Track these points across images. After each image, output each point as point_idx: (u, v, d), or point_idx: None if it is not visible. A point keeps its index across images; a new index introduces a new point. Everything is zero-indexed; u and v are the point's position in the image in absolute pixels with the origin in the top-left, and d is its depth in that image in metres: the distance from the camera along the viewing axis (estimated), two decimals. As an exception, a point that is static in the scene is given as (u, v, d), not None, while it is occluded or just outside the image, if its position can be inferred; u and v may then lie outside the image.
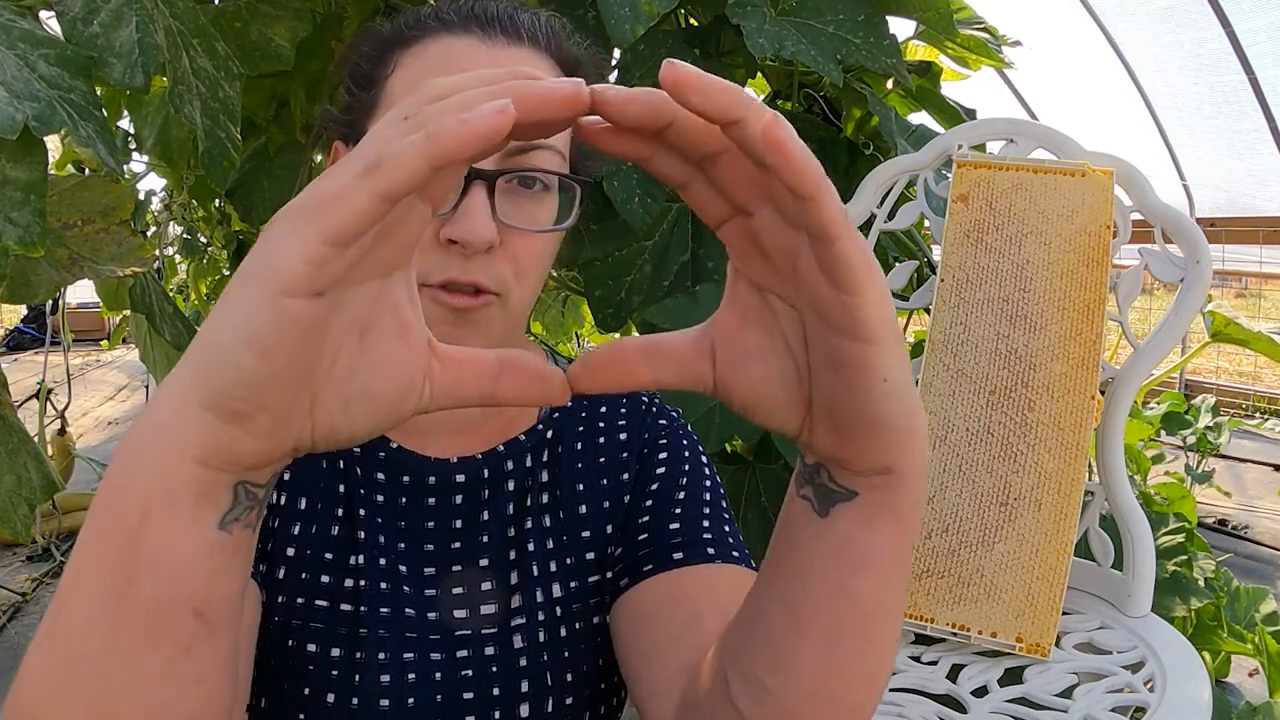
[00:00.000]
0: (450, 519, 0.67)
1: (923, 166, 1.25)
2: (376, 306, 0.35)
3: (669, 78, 0.31)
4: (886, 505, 0.38)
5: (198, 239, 4.65)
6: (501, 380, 0.37)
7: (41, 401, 3.39)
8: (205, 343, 0.33)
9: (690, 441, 0.73)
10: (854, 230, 0.32)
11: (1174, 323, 1.13)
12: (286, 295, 0.30)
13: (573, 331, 3.76)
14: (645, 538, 0.67)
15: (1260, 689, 2.33)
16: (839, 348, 0.34)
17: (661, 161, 0.35)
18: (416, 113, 0.31)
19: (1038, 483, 1.07)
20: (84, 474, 3.95)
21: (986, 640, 1.05)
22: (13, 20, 0.83)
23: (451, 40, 0.61)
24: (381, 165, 0.30)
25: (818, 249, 0.32)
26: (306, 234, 0.30)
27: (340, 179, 0.30)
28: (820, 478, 0.39)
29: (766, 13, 1.26)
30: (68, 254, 1.10)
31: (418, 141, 0.30)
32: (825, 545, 0.40)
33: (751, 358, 0.37)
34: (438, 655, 0.64)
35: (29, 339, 8.86)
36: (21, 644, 2.88)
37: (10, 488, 1.00)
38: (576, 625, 0.67)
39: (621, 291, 1.33)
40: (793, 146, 0.30)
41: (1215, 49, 4.50)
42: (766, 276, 0.37)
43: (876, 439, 0.36)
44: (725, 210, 0.36)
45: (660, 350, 0.38)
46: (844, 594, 0.40)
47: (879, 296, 0.33)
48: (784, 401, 0.38)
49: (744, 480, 1.34)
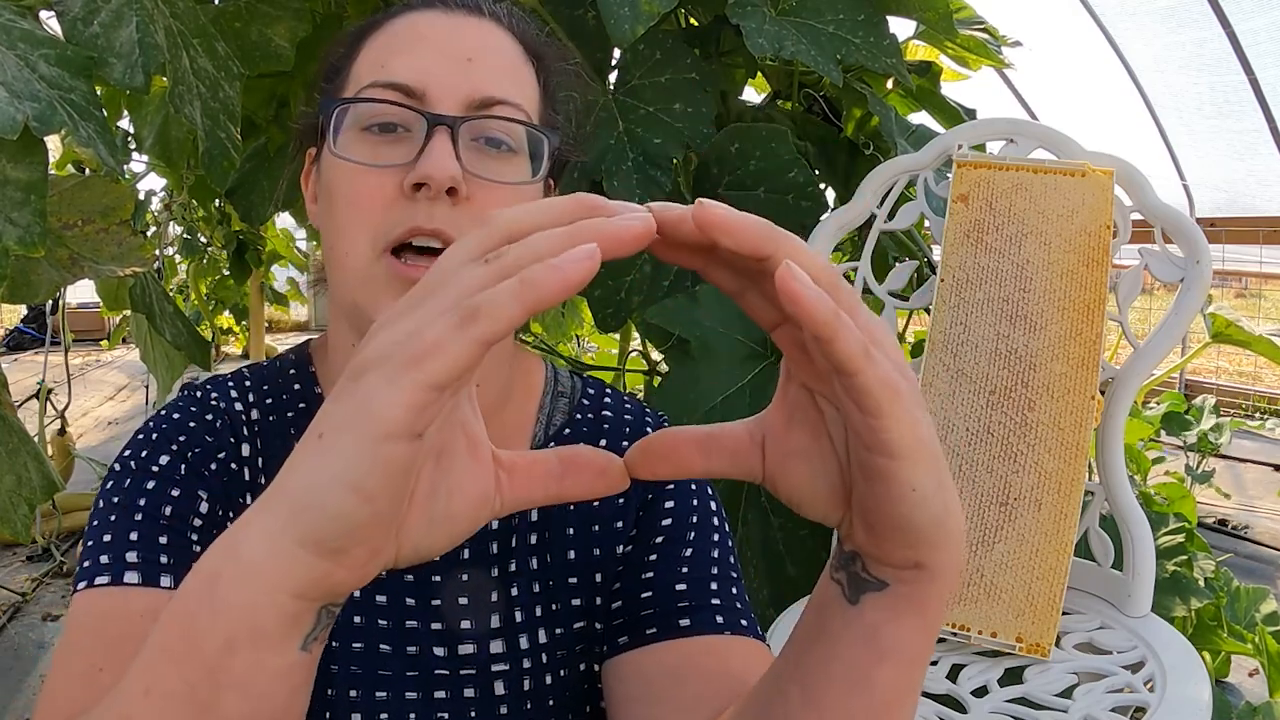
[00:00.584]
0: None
1: (923, 166, 1.25)
2: (449, 428, 0.37)
3: (699, 219, 0.33)
4: (914, 598, 0.40)
5: (198, 239, 4.65)
6: (566, 480, 0.39)
7: (41, 401, 3.39)
8: (301, 486, 0.34)
9: (700, 488, 0.70)
10: (874, 357, 0.34)
11: (1174, 323, 1.13)
12: (389, 441, 0.32)
13: (572, 332, 3.76)
14: (650, 596, 0.64)
15: (1260, 689, 2.33)
16: (869, 461, 0.36)
17: (716, 273, 0.37)
18: (498, 255, 0.33)
19: (1038, 483, 1.07)
20: (84, 474, 3.94)
21: (986, 640, 1.05)
22: (13, 20, 0.83)
23: (414, 15, 0.62)
24: (480, 316, 0.31)
25: (841, 380, 0.34)
26: (406, 383, 0.32)
27: (436, 328, 0.32)
28: (854, 566, 0.41)
29: (766, 13, 1.26)
30: (68, 254, 1.10)
31: (515, 291, 0.31)
32: (851, 632, 0.41)
33: (798, 456, 0.40)
34: (413, 694, 0.61)
35: (29, 339, 8.85)
36: (21, 644, 2.88)
37: (10, 488, 1.00)
38: (561, 673, 0.64)
39: (621, 291, 1.33)
40: (803, 294, 0.32)
41: (1215, 49, 4.50)
42: (815, 380, 0.39)
43: (905, 540, 0.38)
44: (775, 317, 0.38)
45: (716, 442, 0.40)
46: (865, 683, 0.41)
47: (904, 417, 0.34)
48: (825, 498, 0.39)
49: (744, 480, 1.34)
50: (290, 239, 5.74)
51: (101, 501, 0.61)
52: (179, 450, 0.62)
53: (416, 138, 0.57)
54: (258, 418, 0.66)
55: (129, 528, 0.58)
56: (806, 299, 0.32)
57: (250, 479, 0.64)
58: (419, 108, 0.58)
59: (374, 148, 0.58)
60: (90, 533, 0.59)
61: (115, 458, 0.64)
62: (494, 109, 0.59)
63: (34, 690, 2.61)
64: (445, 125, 0.56)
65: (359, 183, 0.58)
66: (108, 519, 0.59)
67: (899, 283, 1.29)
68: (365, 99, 0.58)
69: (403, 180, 0.56)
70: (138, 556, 0.57)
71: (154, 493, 0.60)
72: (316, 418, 0.35)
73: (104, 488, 0.62)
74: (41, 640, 2.91)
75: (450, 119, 0.57)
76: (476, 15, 0.63)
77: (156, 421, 0.64)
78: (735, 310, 1.24)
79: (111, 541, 0.58)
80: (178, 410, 0.65)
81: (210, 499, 0.61)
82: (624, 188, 1.24)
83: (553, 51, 0.68)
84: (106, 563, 0.57)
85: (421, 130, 0.57)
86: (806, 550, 1.28)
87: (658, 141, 1.26)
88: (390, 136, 0.58)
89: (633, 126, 1.26)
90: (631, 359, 1.61)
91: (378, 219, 0.57)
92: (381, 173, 0.57)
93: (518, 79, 0.62)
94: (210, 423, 0.64)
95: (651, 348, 1.52)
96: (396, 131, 0.58)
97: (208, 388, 0.67)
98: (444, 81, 0.58)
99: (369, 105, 0.58)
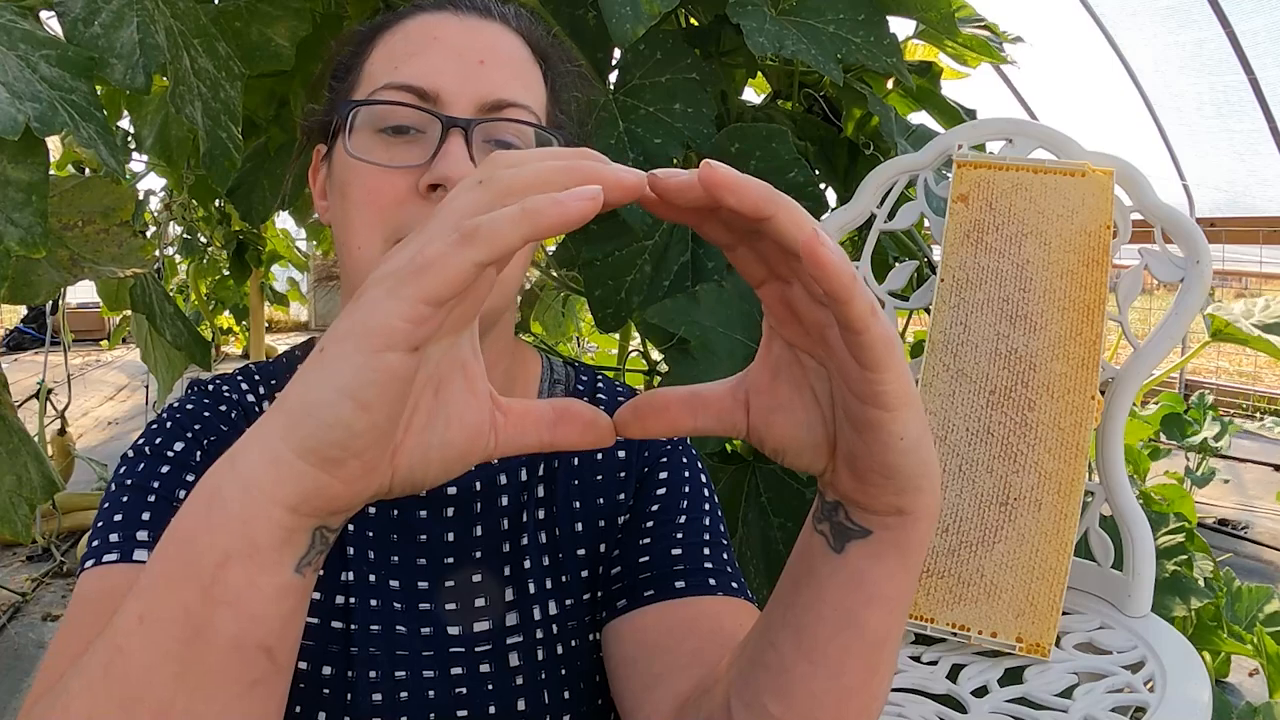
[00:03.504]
0: (442, 532, 0.66)
1: (923, 166, 1.25)
2: (449, 362, 0.38)
3: (706, 180, 0.35)
4: (897, 543, 0.42)
5: (198, 239, 4.65)
6: (558, 428, 0.41)
7: (41, 401, 3.40)
8: (300, 398, 0.36)
9: (690, 460, 0.73)
10: (880, 316, 0.35)
11: (1174, 323, 1.13)
12: (387, 351, 0.33)
13: (572, 332, 3.76)
14: (647, 560, 0.66)
15: (1260, 689, 2.33)
16: (862, 413, 0.38)
17: (710, 228, 0.39)
18: (491, 177, 0.34)
19: (1038, 483, 1.07)
20: (84, 474, 3.95)
21: (986, 640, 1.05)
22: (14, 21, 0.83)
23: (426, 16, 0.63)
24: (479, 236, 0.33)
25: (846, 337, 0.36)
26: (406, 295, 0.33)
27: (436, 245, 0.33)
28: (838, 516, 0.43)
29: (767, 12, 1.26)
30: (68, 254, 1.10)
31: (514, 216, 0.33)
32: (838, 578, 0.43)
33: (782, 409, 0.41)
34: (431, 672, 0.63)
35: (29, 339, 8.85)
36: (21, 644, 2.88)
37: (10, 488, 1.00)
38: (573, 643, 0.66)
39: (621, 291, 1.33)
40: (830, 259, 0.34)
41: (1215, 49, 4.50)
42: (799, 338, 0.41)
43: (892, 485, 0.40)
44: (764, 274, 0.40)
45: (701, 400, 0.42)
46: (853, 624, 0.43)
47: (899, 371, 0.36)
48: (811, 447, 0.41)
49: (744, 480, 1.34)
50: (290, 239, 5.74)
51: (114, 485, 0.61)
52: (194, 437, 0.63)
53: (430, 139, 0.59)
54: (269, 408, 0.66)
55: (141, 508, 0.59)
56: (832, 264, 0.34)
57: None
58: (433, 110, 0.59)
59: (388, 148, 0.59)
60: (100, 515, 0.60)
61: (129, 446, 0.64)
62: (505, 111, 0.61)
63: (34, 690, 2.61)
64: (460, 128, 0.58)
65: (373, 182, 0.59)
66: (119, 500, 0.60)
67: (899, 283, 1.29)
68: (380, 100, 0.60)
69: (417, 180, 0.58)
70: (149, 535, 0.58)
71: (168, 476, 0.61)
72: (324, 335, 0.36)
73: (116, 474, 0.62)
74: (41, 640, 2.91)
75: (464, 121, 0.58)
76: (487, 18, 0.64)
77: (170, 412, 0.65)
78: (735, 310, 1.24)
79: (122, 521, 0.59)
80: (191, 402, 0.66)
81: None
82: (624, 188, 1.24)
83: (559, 53, 0.69)
84: (116, 541, 0.58)
85: (435, 132, 0.58)
86: (807, 550, 1.28)
87: (658, 141, 1.26)
88: (404, 138, 0.60)
89: (633, 126, 1.26)
90: (631, 359, 1.61)
91: (391, 217, 0.59)
92: (396, 173, 0.59)
93: (527, 81, 0.64)
94: (224, 413, 0.66)
95: (651, 348, 1.52)
96: (410, 133, 0.60)
97: (218, 381, 0.69)
98: (457, 84, 0.60)
99: (384, 107, 0.60)
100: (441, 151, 0.57)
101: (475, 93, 0.60)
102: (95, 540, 0.58)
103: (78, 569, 0.59)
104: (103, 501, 0.61)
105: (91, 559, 0.57)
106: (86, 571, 0.57)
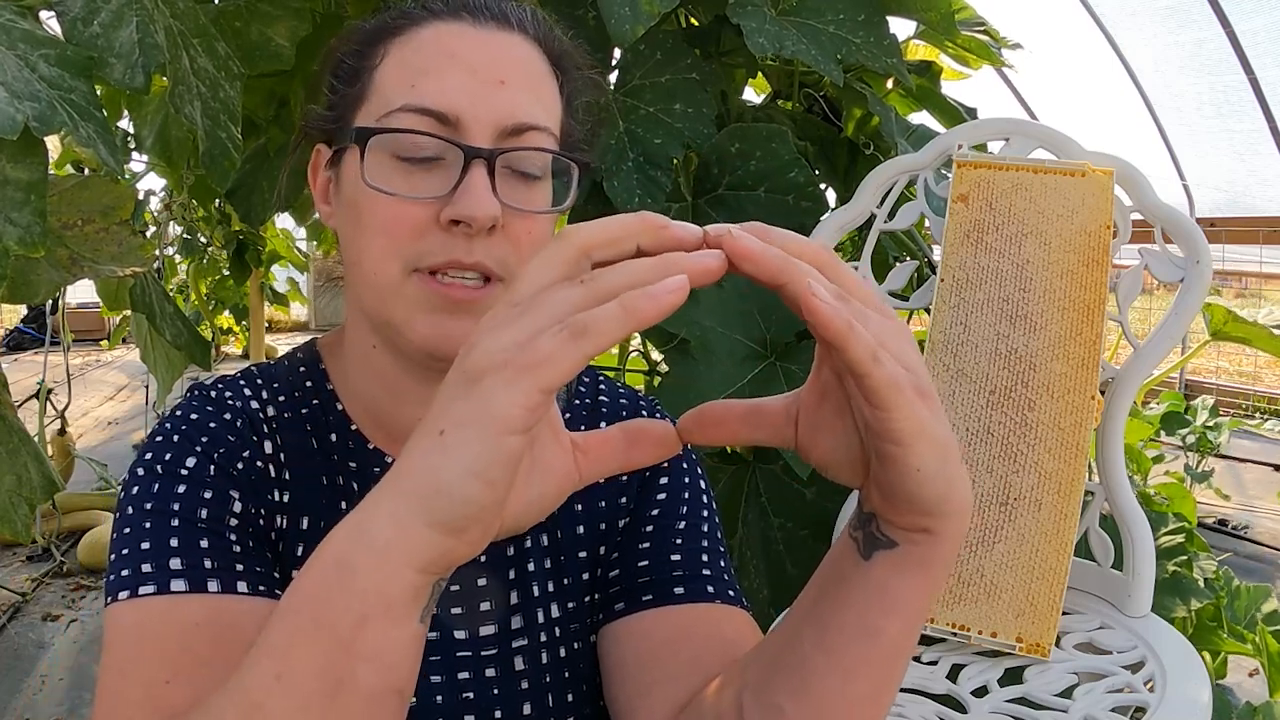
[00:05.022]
0: None
1: (923, 166, 1.25)
2: (541, 424, 0.42)
3: (730, 249, 0.39)
4: (921, 559, 0.45)
5: (198, 239, 4.65)
6: (632, 451, 0.46)
7: (41, 401, 3.39)
8: (429, 477, 0.39)
9: (692, 466, 0.73)
10: (881, 360, 0.39)
11: (1174, 323, 1.13)
12: (509, 435, 0.37)
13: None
14: (645, 565, 0.67)
15: (1260, 689, 2.33)
16: (878, 445, 0.41)
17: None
18: (592, 278, 0.38)
19: (1038, 483, 1.07)
20: (84, 474, 3.95)
21: (986, 640, 1.05)
22: (13, 20, 0.83)
23: (441, 25, 0.61)
24: (589, 334, 0.37)
25: (852, 379, 0.39)
26: (524, 386, 0.37)
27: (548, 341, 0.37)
28: (870, 526, 0.46)
29: (767, 12, 1.26)
30: (68, 254, 1.10)
31: (618, 315, 0.37)
32: (863, 586, 0.46)
33: (825, 428, 0.45)
34: (438, 677, 0.63)
35: (29, 339, 8.85)
36: (21, 644, 2.88)
37: (10, 488, 1.00)
38: (575, 645, 0.67)
39: (621, 291, 1.33)
40: (821, 309, 0.38)
41: (1215, 49, 4.50)
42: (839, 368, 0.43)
43: (913, 509, 0.43)
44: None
45: (759, 414, 0.46)
46: (873, 633, 0.46)
47: (908, 410, 0.39)
48: (849, 465, 0.45)
49: (744, 480, 1.34)
50: (290, 239, 5.74)
51: (130, 508, 0.59)
52: (204, 451, 0.61)
53: (450, 166, 0.58)
54: (274, 414, 0.66)
55: (167, 534, 0.57)
56: (823, 313, 0.38)
57: (276, 475, 0.64)
58: (455, 139, 0.57)
59: (407, 176, 0.58)
60: (122, 540, 0.58)
61: (134, 462, 0.62)
62: (525, 135, 0.60)
63: (34, 690, 2.61)
64: (482, 159, 0.57)
65: (393, 211, 0.58)
66: (141, 525, 0.58)
67: (899, 283, 1.28)
68: (399, 129, 0.58)
69: (439, 212, 0.57)
70: (182, 563, 0.56)
71: (186, 496, 0.59)
72: (432, 415, 0.40)
73: (129, 493, 0.60)
74: (41, 640, 2.91)
75: (487, 152, 0.57)
76: (505, 28, 0.62)
77: (174, 423, 0.63)
78: (735, 310, 1.24)
79: (151, 550, 0.57)
80: (195, 410, 0.64)
81: (241, 498, 0.61)
82: (624, 188, 1.24)
83: (574, 60, 0.67)
84: (149, 571, 0.56)
85: (456, 159, 0.57)
86: (806, 550, 1.28)
87: (658, 141, 1.25)
88: (423, 165, 0.58)
89: (633, 126, 1.26)
90: (631, 359, 1.61)
91: (410, 247, 0.58)
92: (415, 203, 0.58)
93: (546, 99, 0.62)
94: (230, 422, 0.64)
95: (651, 348, 1.52)
96: (429, 161, 0.58)
97: (220, 387, 0.67)
98: (477, 108, 0.58)
99: (404, 135, 0.58)
100: (464, 185, 0.56)
101: (496, 117, 0.58)
102: (125, 569, 0.56)
103: (106, 597, 0.57)
104: (120, 524, 0.59)
105: (125, 590, 0.56)
106: (120, 604, 0.55)
